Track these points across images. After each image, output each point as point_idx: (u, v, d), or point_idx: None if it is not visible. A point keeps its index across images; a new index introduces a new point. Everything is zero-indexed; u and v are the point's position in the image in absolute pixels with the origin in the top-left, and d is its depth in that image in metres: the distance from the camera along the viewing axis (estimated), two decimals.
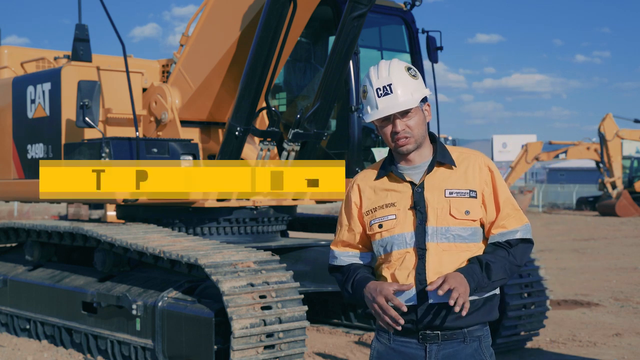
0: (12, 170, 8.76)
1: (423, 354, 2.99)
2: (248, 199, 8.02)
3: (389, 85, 3.00)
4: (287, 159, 7.84)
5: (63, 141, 8.00)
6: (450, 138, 29.63)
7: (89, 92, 7.37)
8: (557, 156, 35.84)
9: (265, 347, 6.02)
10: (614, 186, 32.38)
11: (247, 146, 7.90)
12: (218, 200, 7.76)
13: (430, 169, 3.05)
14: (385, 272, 3.06)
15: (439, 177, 3.05)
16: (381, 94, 3.01)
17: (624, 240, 20.42)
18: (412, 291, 2.96)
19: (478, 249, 3.04)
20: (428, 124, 3.20)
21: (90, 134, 7.77)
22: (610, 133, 32.08)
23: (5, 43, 11.46)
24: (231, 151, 7.60)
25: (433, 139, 3.14)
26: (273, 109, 7.72)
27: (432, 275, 2.95)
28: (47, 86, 8.18)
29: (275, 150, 8.18)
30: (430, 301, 2.93)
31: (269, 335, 6.01)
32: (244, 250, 6.69)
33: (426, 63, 8.93)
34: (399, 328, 2.91)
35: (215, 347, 6.08)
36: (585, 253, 17.05)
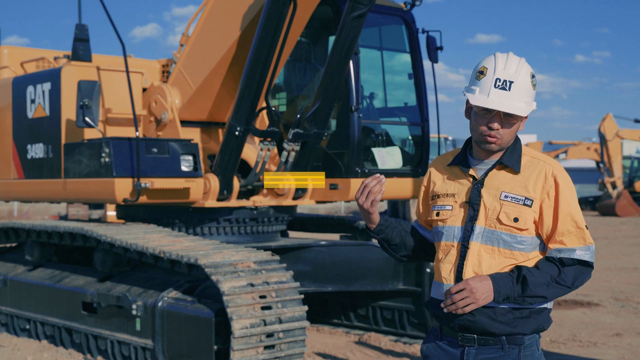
0: (12, 170, 8.76)
1: (462, 355, 2.95)
2: (248, 199, 8.02)
3: (511, 82, 2.87)
4: (287, 159, 7.85)
5: (63, 141, 8.00)
6: (450, 138, 29.65)
7: (89, 92, 7.37)
8: (557, 156, 35.84)
9: (265, 347, 6.02)
10: (614, 186, 32.38)
11: (247, 146, 7.91)
12: (218, 200, 7.76)
13: (492, 168, 2.97)
14: (435, 262, 3.07)
15: (500, 178, 2.96)
16: (499, 85, 2.87)
17: (624, 240, 20.41)
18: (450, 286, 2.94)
19: (525, 259, 2.92)
20: None
21: (90, 134, 7.77)
22: (610, 133, 32.08)
23: (7, 43, 11.47)
24: (231, 151, 7.60)
25: (516, 140, 3.01)
26: (273, 109, 7.73)
27: (470, 275, 2.91)
28: (47, 86, 8.17)
29: (275, 150, 8.19)
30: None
31: (269, 335, 6.02)
32: (244, 250, 6.69)
33: (426, 63, 8.93)
34: (372, 202, 2.99)
35: (215, 347, 6.08)
36: None
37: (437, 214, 3.04)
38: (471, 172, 3.01)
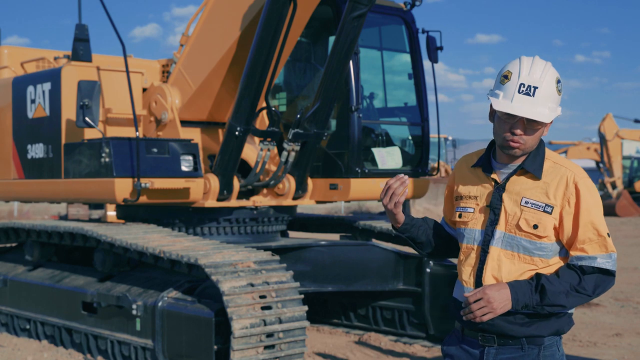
0: (12, 170, 8.76)
1: (481, 355, 2.97)
2: (248, 199, 8.02)
3: (535, 88, 2.84)
4: (287, 159, 7.85)
5: (63, 141, 7.99)
6: (450, 138, 29.65)
7: (89, 92, 7.36)
8: None
9: (265, 347, 6.02)
10: (614, 186, 32.36)
11: (247, 146, 7.91)
12: (218, 200, 7.76)
13: (513, 173, 2.96)
14: (458, 263, 3.08)
15: (521, 183, 2.94)
16: (523, 91, 2.83)
17: (624, 240, 20.40)
18: (470, 290, 2.95)
19: (545, 265, 2.92)
20: None
21: (90, 134, 7.77)
22: (610, 133, 32.06)
23: (7, 43, 11.48)
24: (231, 151, 7.60)
25: (540, 144, 3.00)
26: (273, 109, 7.74)
27: (489, 279, 2.92)
28: (47, 86, 8.17)
29: (275, 150, 8.19)
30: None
31: (269, 335, 6.02)
32: (244, 250, 6.69)
33: (426, 63, 8.93)
34: (403, 192, 2.97)
35: (215, 347, 6.08)
36: None
37: (460, 216, 3.05)
38: (493, 175, 3.00)
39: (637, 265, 14.80)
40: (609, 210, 31.16)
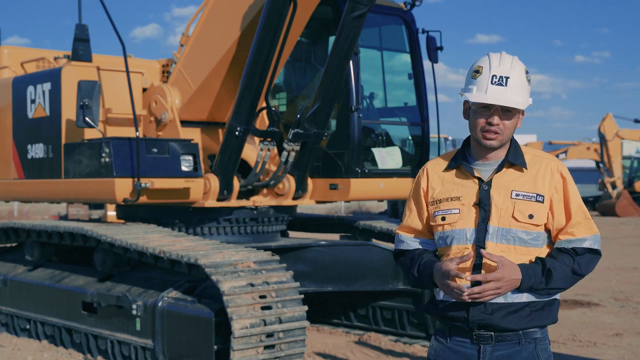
0: (12, 170, 8.76)
1: (477, 355, 2.96)
2: (248, 199, 8.03)
3: (507, 78, 2.95)
4: (287, 159, 7.85)
5: (63, 141, 8.00)
6: (450, 138, 29.62)
7: (89, 92, 7.37)
8: (557, 156, 35.79)
9: (265, 347, 6.02)
10: (614, 186, 32.36)
11: (247, 146, 7.91)
12: (218, 200, 7.76)
13: (500, 168, 3.01)
14: None
15: (507, 178, 3.00)
16: (496, 82, 2.95)
17: (624, 240, 20.40)
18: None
19: (539, 253, 2.99)
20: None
21: (90, 134, 7.77)
22: (610, 133, 32.05)
23: (8, 43, 11.47)
24: (231, 151, 7.60)
25: (512, 139, 3.07)
26: (273, 109, 7.74)
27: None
28: (47, 86, 8.18)
29: (275, 150, 8.19)
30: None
31: (269, 335, 6.02)
32: (244, 250, 6.70)
33: (426, 63, 8.94)
34: (467, 299, 2.88)
35: (215, 347, 6.08)
36: None
37: (443, 219, 3.03)
38: (476, 173, 3.02)
39: (637, 265, 14.80)
40: (609, 210, 31.17)
